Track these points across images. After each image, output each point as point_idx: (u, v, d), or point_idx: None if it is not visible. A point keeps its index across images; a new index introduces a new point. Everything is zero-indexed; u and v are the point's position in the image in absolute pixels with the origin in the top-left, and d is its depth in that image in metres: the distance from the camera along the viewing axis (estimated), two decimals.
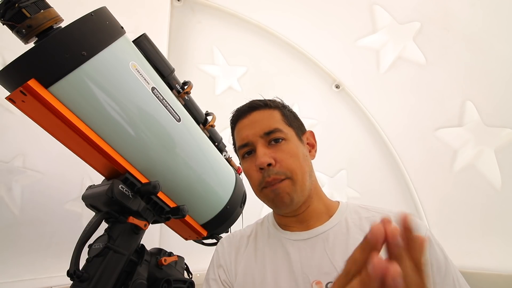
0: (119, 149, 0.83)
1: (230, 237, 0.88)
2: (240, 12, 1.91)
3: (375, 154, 2.13)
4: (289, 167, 0.71)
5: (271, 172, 0.70)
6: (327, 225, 0.74)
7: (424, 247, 0.38)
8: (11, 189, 1.44)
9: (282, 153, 0.72)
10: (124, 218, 0.84)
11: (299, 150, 0.75)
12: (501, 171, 1.61)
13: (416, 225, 0.63)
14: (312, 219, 0.77)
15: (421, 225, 0.71)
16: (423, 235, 0.61)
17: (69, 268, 0.72)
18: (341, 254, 0.67)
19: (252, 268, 0.76)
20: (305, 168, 0.74)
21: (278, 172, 0.70)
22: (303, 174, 0.72)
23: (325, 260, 0.68)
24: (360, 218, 0.74)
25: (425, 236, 0.62)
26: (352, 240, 0.69)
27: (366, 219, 0.73)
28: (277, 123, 0.75)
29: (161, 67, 0.97)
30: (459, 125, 1.73)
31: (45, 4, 0.72)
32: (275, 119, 0.76)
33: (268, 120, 0.76)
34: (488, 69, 1.53)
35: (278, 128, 0.74)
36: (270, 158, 0.70)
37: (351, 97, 2.10)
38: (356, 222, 0.73)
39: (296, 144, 0.75)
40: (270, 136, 0.74)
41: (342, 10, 1.82)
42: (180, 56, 1.92)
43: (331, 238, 0.72)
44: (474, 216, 1.70)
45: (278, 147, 0.73)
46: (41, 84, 0.68)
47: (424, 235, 0.65)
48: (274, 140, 0.73)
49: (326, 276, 0.66)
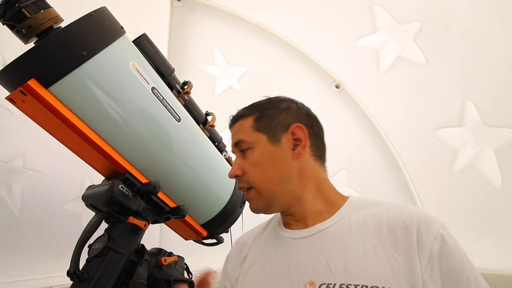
0: (119, 149, 0.83)
1: (238, 240, 0.88)
2: (240, 12, 1.91)
3: (375, 154, 2.13)
4: (249, 178, 0.73)
5: (239, 181, 0.76)
6: (327, 223, 0.71)
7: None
8: (11, 189, 1.44)
9: (247, 163, 0.74)
10: (124, 218, 0.84)
11: (265, 156, 0.73)
12: (501, 171, 1.61)
13: (429, 221, 0.63)
14: (309, 217, 0.74)
15: (434, 222, 0.64)
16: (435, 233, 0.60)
17: (69, 268, 0.72)
18: (338, 254, 0.65)
19: (254, 268, 0.77)
20: (271, 175, 0.72)
21: (243, 181, 0.75)
22: (267, 182, 0.72)
23: (321, 260, 0.66)
24: (365, 215, 0.69)
25: (436, 234, 0.60)
26: (353, 239, 0.66)
27: (371, 216, 0.68)
28: (242, 134, 0.77)
29: (161, 67, 0.97)
30: (459, 125, 1.73)
31: (45, 4, 0.72)
32: (243, 129, 0.77)
33: (238, 132, 0.78)
34: (488, 69, 1.53)
35: (241, 140, 0.76)
36: (239, 169, 0.75)
37: (351, 97, 2.10)
38: (360, 219, 0.69)
39: (262, 151, 0.73)
40: (239, 147, 0.77)
41: (342, 10, 1.82)
42: (180, 56, 1.92)
43: (330, 236, 0.69)
44: (474, 216, 1.70)
45: (245, 157, 0.75)
46: (41, 84, 0.68)
47: (436, 233, 0.61)
48: (243, 151, 0.76)
49: (320, 277, 0.64)
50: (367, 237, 0.65)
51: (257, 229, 0.87)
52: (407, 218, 0.64)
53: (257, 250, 0.80)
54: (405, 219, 0.64)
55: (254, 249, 0.81)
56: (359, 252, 0.63)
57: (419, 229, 0.62)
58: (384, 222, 0.66)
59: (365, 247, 0.63)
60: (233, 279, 0.80)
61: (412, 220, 0.64)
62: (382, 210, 0.69)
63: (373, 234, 0.65)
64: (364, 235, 0.65)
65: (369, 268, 0.60)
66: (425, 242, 0.60)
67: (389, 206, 0.70)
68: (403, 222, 0.64)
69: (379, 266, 0.60)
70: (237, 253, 0.84)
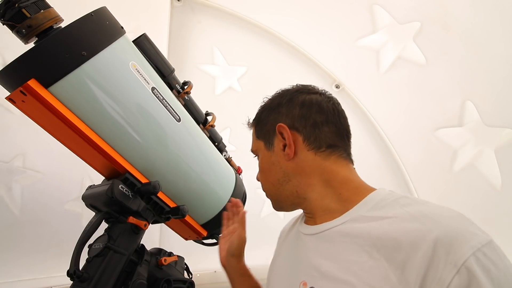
0: (119, 149, 0.83)
1: (283, 228, 0.91)
2: (240, 12, 1.91)
3: (375, 154, 2.13)
4: (261, 183, 0.79)
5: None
6: (333, 223, 0.64)
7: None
8: (11, 189, 1.45)
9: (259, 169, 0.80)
10: (124, 218, 0.84)
11: (264, 163, 0.77)
12: (501, 171, 1.61)
13: (453, 242, 0.44)
14: (317, 214, 0.68)
15: (464, 243, 0.45)
16: (459, 262, 0.43)
17: (69, 268, 0.72)
18: (334, 257, 0.59)
19: (276, 263, 0.81)
20: (270, 180, 0.75)
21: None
22: (269, 187, 0.76)
23: (318, 262, 0.62)
24: (376, 218, 0.57)
25: (461, 264, 0.43)
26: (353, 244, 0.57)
27: (382, 221, 0.56)
28: (252, 142, 0.81)
29: (161, 67, 0.97)
30: (459, 125, 1.73)
31: (45, 4, 0.72)
32: (252, 138, 0.82)
33: (252, 140, 0.82)
34: (488, 69, 1.53)
35: (252, 149, 0.81)
36: (258, 175, 0.81)
37: (351, 97, 2.10)
38: (369, 223, 0.58)
39: (262, 157, 0.78)
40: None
41: (342, 10, 1.82)
42: (180, 56, 1.92)
43: (332, 237, 0.63)
44: (474, 216, 1.69)
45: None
46: (41, 84, 0.68)
47: (462, 261, 0.43)
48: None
49: (312, 278, 0.61)
50: (366, 244, 0.55)
51: (291, 222, 0.87)
52: (423, 232, 0.48)
53: (284, 245, 0.83)
54: (420, 233, 0.48)
55: (281, 243, 0.85)
56: (353, 262, 0.55)
57: (435, 252, 0.45)
58: (393, 231, 0.52)
59: (360, 258, 0.54)
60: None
61: (427, 236, 0.47)
62: (399, 215, 0.54)
63: (375, 242, 0.54)
64: (365, 242, 0.55)
65: (356, 283, 0.52)
66: (442, 273, 0.44)
67: (417, 212, 0.53)
68: (414, 237, 0.48)
69: (367, 284, 0.51)
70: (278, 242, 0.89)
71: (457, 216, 0.51)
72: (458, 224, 0.48)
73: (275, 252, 0.86)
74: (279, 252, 0.83)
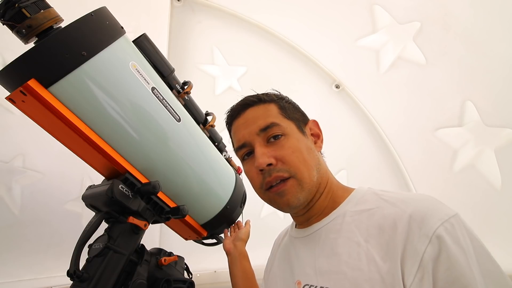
0: (119, 149, 0.83)
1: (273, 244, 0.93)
2: (240, 12, 1.91)
3: (375, 154, 2.13)
4: (292, 164, 0.65)
5: (272, 171, 0.65)
6: (323, 222, 0.68)
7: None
8: (11, 189, 1.44)
9: (283, 150, 0.66)
10: (124, 218, 0.84)
11: (301, 144, 0.68)
12: (501, 171, 1.62)
13: (424, 217, 0.51)
14: (314, 215, 0.71)
15: (432, 217, 0.51)
16: (430, 233, 0.49)
17: (69, 268, 0.72)
18: (325, 254, 0.62)
19: (272, 270, 0.82)
20: (310, 163, 0.67)
21: (280, 169, 0.65)
22: (309, 171, 0.66)
23: (310, 261, 0.64)
24: (361, 211, 0.62)
25: (432, 234, 0.48)
26: (342, 239, 0.60)
27: (367, 212, 0.61)
28: (273, 118, 0.69)
29: (161, 67, 0.97)
30: (459, 125, 1.73)
31: (45, 4, 0.72)
32: (271, 114, 0.70)
33: (264, 115, 0.70)
34: (488, 69, 1.53)
35: (274, 123, 0.68)
36: (269, 157, 0.65)
37: (351, 97, 2.10)
38: (354, 215, 0.62)
39: (297, 138, 0.69)
40: (267, 132, 0.68)
41: (342, 10, 1.82)
42: (180, 56, 1.92)
43: (322, 237, 0.66)
44: (474, 216, 1.70)
45: (278, 144, 0.67)
46: (41, 84, 0.68)
47: (432, 232, 0.49)
48: (273, 137, 0.68)
49: (306, 277, 0.63)
50: (355, 236, 0.58)
51: (286, 229, 0.89)
52: (400, 214, 0.54)
53: (279, 251, 0.84)
54: (397, 215, 0.54)
55: (276, 250, 0.87)
56: (343, 253, 0.58)
57: (410, 228, 0.51)
58: (376, 219, 0.58)
59: (350, 248, 0.58)
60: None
61: (402, 216, 0.53)
62: (379, 205, 0.60)
63: (362, 233, 0.58)
64: (353, 234, 0.59)
65: (347, 271, 0.55)
66: (416, 245, 0.49)
67: (393, 199, 0.59)
68: (393, 219, 0.54)
69: (357, 269, 0.54)
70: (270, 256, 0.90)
71: (428, 197, 0.57)
72: (427, 203, 0.55)
73: (269, 262, 0.87)
74: (273, 263, 0.84)
